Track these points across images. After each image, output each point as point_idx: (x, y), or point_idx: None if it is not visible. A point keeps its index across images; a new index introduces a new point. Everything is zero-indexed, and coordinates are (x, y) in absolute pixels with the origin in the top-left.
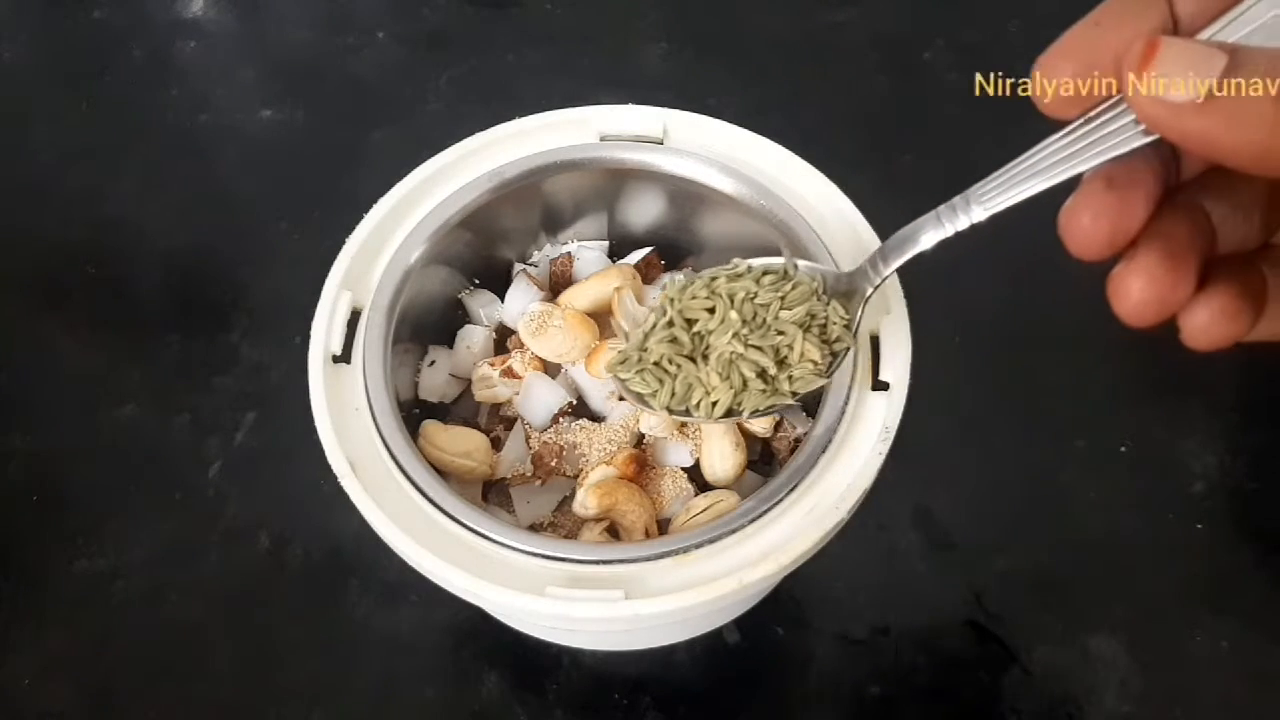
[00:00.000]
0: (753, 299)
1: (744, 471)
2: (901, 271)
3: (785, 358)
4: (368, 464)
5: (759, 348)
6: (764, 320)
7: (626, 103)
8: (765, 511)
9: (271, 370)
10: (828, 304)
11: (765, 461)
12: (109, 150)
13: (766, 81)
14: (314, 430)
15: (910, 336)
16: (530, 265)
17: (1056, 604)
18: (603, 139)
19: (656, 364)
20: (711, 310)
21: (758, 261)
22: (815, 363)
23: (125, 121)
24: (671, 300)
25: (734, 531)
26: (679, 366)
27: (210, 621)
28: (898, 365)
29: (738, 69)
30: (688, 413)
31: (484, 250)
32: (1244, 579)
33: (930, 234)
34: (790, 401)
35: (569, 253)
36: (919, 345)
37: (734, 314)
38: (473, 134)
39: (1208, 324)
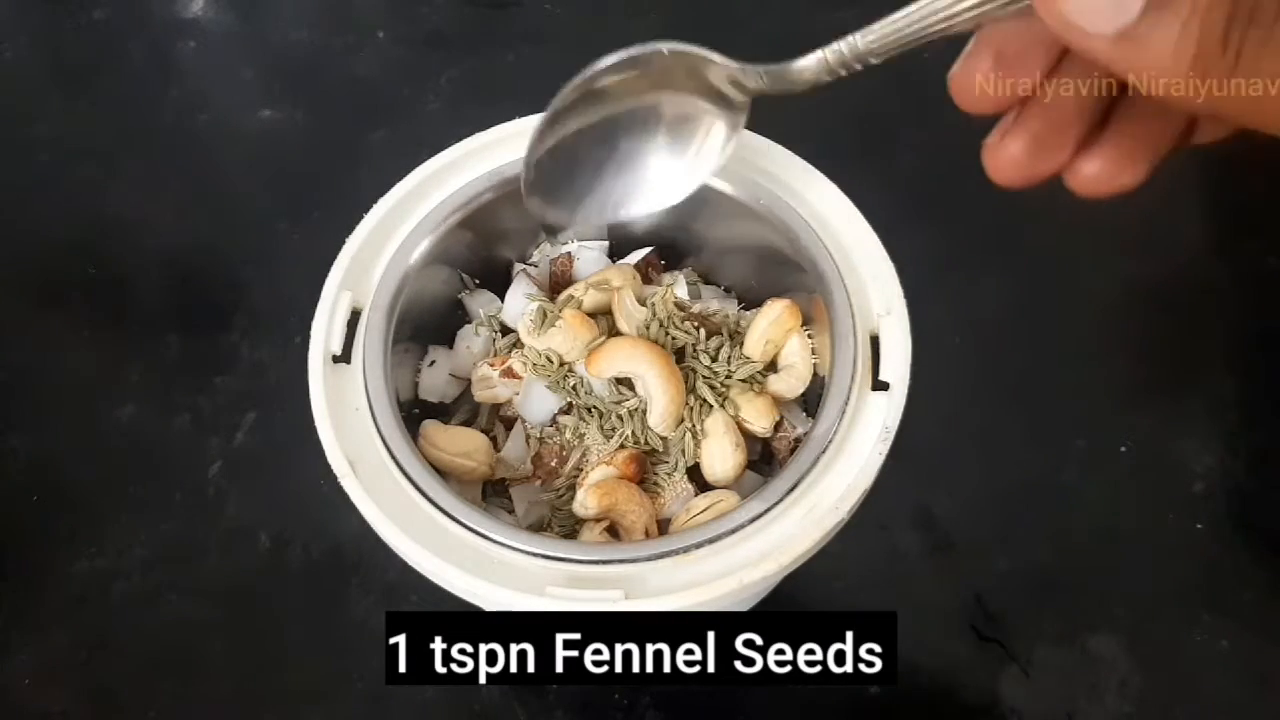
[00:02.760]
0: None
1: (744, 471)
2: (901, 270)
3: None
4: (368, 464)
5: None
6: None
7: None
8: (765, 511)
9: (271, 370)
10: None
11: (765, 461)
12: (109, 150)
13: None
14: (314, 430)
15: (910, 336)
16: (530, 265)
17: (1056, 604)
18: None
19: None
20: None
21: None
22: None
23: (125, 121)
24: None
25: (734, 531)
26: None
27: (210, 622)
28: (898, 365)
29: None
30: None
31: (484, 250)
32: (1244, 579)
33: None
34: None
35: (569, 253)
36: (919, 345)
37: None
38: (473, 134)
39: (1095, 176)
